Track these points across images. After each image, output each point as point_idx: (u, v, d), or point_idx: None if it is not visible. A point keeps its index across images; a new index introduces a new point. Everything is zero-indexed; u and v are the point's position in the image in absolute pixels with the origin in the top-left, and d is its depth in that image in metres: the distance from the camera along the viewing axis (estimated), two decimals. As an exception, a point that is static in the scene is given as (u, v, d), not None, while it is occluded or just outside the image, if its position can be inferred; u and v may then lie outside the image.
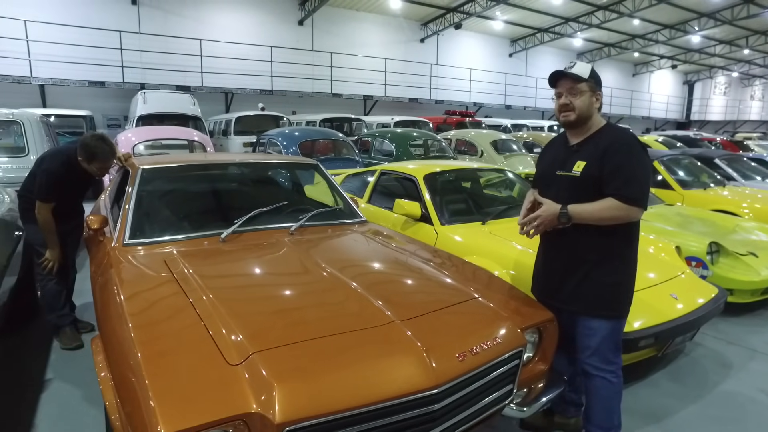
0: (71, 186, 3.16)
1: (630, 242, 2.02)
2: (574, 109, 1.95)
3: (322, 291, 2.01)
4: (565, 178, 2.00)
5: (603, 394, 2.09)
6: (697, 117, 30.44)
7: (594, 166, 1.92)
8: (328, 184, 3.44)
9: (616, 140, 1.92)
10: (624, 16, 18.35)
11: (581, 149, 2.00)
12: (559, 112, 2.01)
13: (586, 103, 1.94)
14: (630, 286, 2.06)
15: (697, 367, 3.21)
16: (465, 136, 9.62)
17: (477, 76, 20.61)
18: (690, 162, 6.58)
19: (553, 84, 2.02)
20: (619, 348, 2.10)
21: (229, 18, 15.18)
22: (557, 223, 1.96)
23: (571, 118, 1.96)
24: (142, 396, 1.34)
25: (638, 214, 1.90)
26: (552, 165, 2.09)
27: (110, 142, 3.06)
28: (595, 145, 1.95)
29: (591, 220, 1.91)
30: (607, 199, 1.87)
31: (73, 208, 3.31)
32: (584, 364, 2.10)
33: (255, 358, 1.46)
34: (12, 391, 2.76)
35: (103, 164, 3.05)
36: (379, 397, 1.43)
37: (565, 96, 1.96)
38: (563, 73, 1.97)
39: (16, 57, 11.80)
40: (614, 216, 1.88)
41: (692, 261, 3.83)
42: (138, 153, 6.49)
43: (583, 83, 1.94)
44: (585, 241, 1.98)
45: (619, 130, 2.01)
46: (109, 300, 1.95)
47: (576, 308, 2.06)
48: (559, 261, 2.10)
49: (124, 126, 12.17)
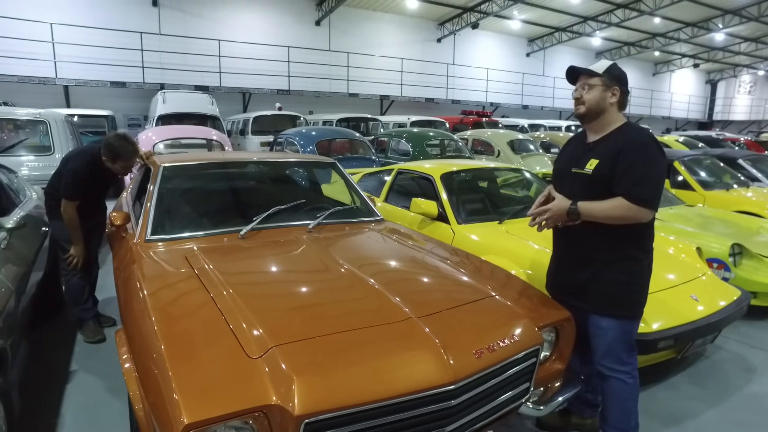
0: (95, 184, 3.24)
1: (642, 243, 1.99)
2: (584, 102, 1.99)
3: (340, 287, 2.03)
4: (579, 176, 2.01)
5: (618, 394, 2.08)
6: (720, 117, 29.79)
7: (606, 165, 1.92)
8: (346, 182, 3.46)
9: (630, 140, 1.92)
10: (644, 14, 18.04)
11: (597, 147, 2.01)
12: (575, 106, 2.06)
13: (597, 97, 1.96)
14: (641, 288, 2.04)
15: (718, 370, 3.15)
16: (481, 136, 9.57)
17: (494, 76, 20.48)
18: (712, 162, 6.45)
19: (573, 81, 2.06)
20: (632, 348, 2.08)
21: (247, 19, 15.34)
22: (567, 219, 1.97)
23: (581, 111, 2.01)
24: (165, 387, 1.37)
25: (647, 216, 1.88)
26: (569, 162, 2.11)
27: (133, 141, 3.14)
28: (611, 143, 1.96)
29: (600, 218, 1.91)
30: (617, 199, 1.88)
31: (95, 205, 3.40)
32: (598, 365, 2.09)
33: (275, 351, 1.48)
34: (40, 381, 2.85)
35: (127, 163, 3.13)
36: (397, 392, 1.44)
37: (579, 90, 2.02)
38: (576, 69, 2.03)
39: (42, 59, 12.11)
40: (622, 215, 1.87)
41: (714, 263, 3.76)
42: (158, 152, 6.60)
43: (595, 78, 1.97)
44: (595, 239, 1.98)
45: (636, 129, 2.00)
46: (132, 294, 2.00)
47: (585, 306, 2.07)
48: (570, 258, 2.12)
49: (144, 125, 12.40)
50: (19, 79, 11.79)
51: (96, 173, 3.16)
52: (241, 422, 1.34)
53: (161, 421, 1.33)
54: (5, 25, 11.64)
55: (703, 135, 14.77)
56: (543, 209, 2.03)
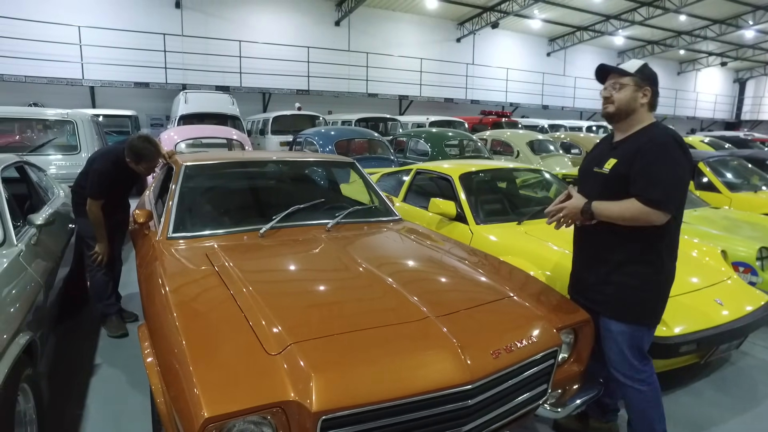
0: (119, 183, 3.32)
1: (658, 247, 1.92)
2: (613, 102, 1.95)
3: (358, 286, 2.05)
4: (599, 175, 2.00)
5: (635, 403, 2.05)
6: (749, 117, 28.94)
7: (624, 165, 1.89)
8: (364, 182, 3.47)
9: (650, 139, 1.87)
10: (669, 12, 17.63)
11: (619, 147, 1.98)
12: (603, 104, 2.02)
13: (627, 97, 1.93)
14: (655, 294, 1.98)
15: (744, 377, 3.07)
16: (501, 136, 9.50)
17: (514, 76, 20.29)
18: (739, 163, 6.28)
19: (602, 80, 2.03)
20: (644, 356, 2.03)
21: (267, 20, 15.50)
22: (582, 218, 1.95)
23: (609, 110, 1.98)
24: (186, 381, 1.40)
25: (661, 219, 1.81)
26: (591, 161, 2.10)
27: (155, 142, 3.20)
28: (632, 143, 1.93)
29: (613, 218, 1.88)
30: (631, 200, 1.84)
31: (119, 203, 3.47)
32: (613, 371, 2.06)
33: (293, 348, 1.50)
34: (66, 373, 2.93)
35: (150, 164, 3.20)
36: (414, 390, 1.45)
37: (608, 89, 1.98)
38: (607, 67, 1.99)
39: (70, 61, 12.44)
40: (634, 217, 1.83)
41: (740, 266, 3.66)
42: (179, 151, 6.72)
43: (626, 77, 1.93)
44: (610, 240, 1.96)
45: (659, 129, 1.94)
46: (154, 290, 2.04)
47: (596, 308, 2.04)
48: (585, 258, 2.12)
49: (166, 125, 12.63)
50: (48, 80, 12.14)
51: (120, 173, 3.23)
52: (259, 417, 1.36)
53: (182, 415, 1.36)
54: (36, 28, 12.00)
55: (730, 135, 14.40)
56: (559, 207, 2.02)
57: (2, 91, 11.77)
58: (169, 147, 6.39)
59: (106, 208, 3.25)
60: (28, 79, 11.92)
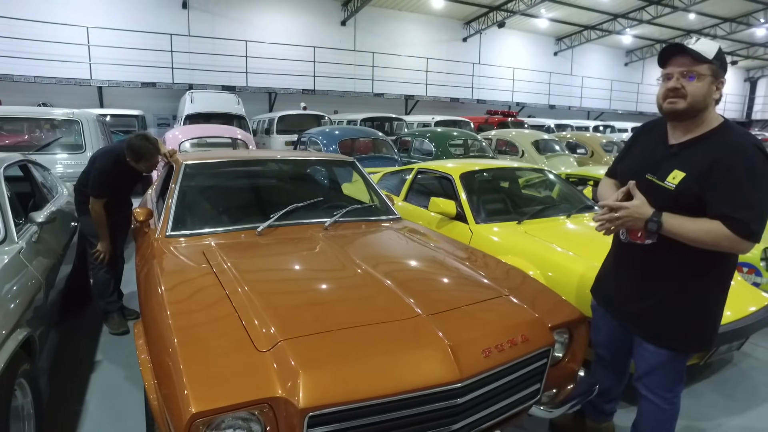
0: (121, 182, 3.36)
1: (723, 273, 1.69)
2: (685, 96, 1.57)
3: (353, 285, 2.05)
4: (658, 188, 1.63)
5: (651, 417, 1.92)
6: (760, 116, 28.60)
7: (695, 181, 1.55)
8: (365, 181, 3.48)
9: (732, 152, 1.52)
10: (678, 10, 17.49)
11: (682, 153, 1.62)
12: (665, 98, 1.62)
13: (704, 91, 1.56)
14: (705, 324, 1.74)
15: (745, 378, 3.04)
16: (506, 136, 9.46)
17: (520, 76, 20.22)
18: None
19: (663, 63, 1.64)
20: (681, 379, 1.86)
21: (273, 20, 15.56)
22: (642, 228, 1.63)
23: (680, 107, 1.59)
24: (176, 378, 1.41)
25: (747, 249, 1.53)
26: (643, 163, 1.72)
27: (154, 140, 3.24)
28: (703, 151, 1.57)
29: (683, 238, 1.56)
30: (714, 222, 1.51)
31: (122, 201, 3.50)
32: (637, 382, 1.92)
33: (283, 345, 1.51)
34: (68, 369, 2.96)
35: (149, 162, 3.23)
36: (402, 387, 1.45)
37: (677, 78, 1.58)
38: (681, 47, 1.57)
39: (78, 61, 12.56)
40: (715, 243, 1.52)
41: (744, 267, 3.62)
42: (184, 150, 6.76)
43: (704, 65, 1.55)
44: (669, 261, 1.66)
45: (737, 134, 1.58)
46: (150, 288, 2.05)
47: (635, 328, 1.85)
48: (632, 274, 1.82)
49: (172, 125, 12.72)
50: (57, 80, 12.28)
51: (122, 172, 3.26)
52: (247, 413, 1.37)
53: (171, 411, 1.37)
54: (45, 29, 12.14)
55: (739, 135, 14.19)
56: (618, 205, 1.65)
57: (12, 92, 11.91)
58: (174, 146, 6.46)
59: (110, 207, 3.29)
60: (38, 80, 12.06)
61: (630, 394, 2.46)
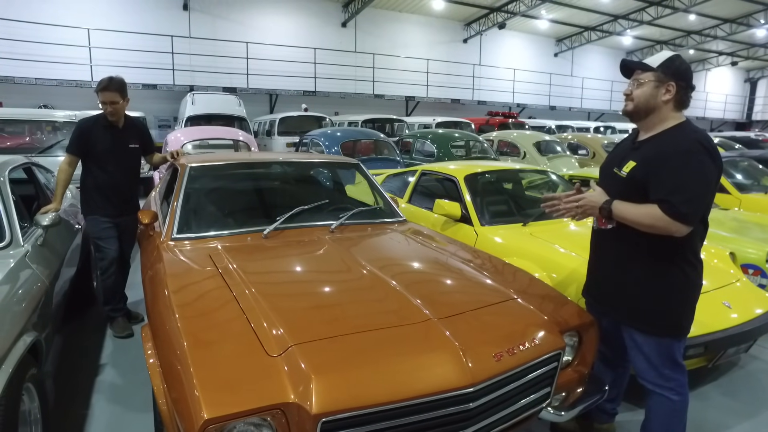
0: (103, 149, 3.27)
1: (686, 256, 1.83)
2: (633, 99, 1.86)
3: (361, 288, 2.04)
4: (616, 177, 1.90)
5: (660, 411, 1.96)
6: (760, 117, 28.62)
7: (641, 170, 1.79)
8: (369, 183, 3.47)
9: (674, 143, 1.75)
10: (678, 11, 17.49)
11: (641, 148, 1.88)
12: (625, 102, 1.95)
13: (646, 93, 1.82)
14: (681, 306, 1.89)
15: (752, 381, 3.03)
16: (507, 137, 9.46)
17: (521, 77, 20.23)
18: (749, 164, 6.20)
19: (628, 75, 1.94)
20: (677, 364, 1.93)
21: (274, 21, 15.56)
22: (597, 214, 1.88)
23: (628, 108, 1.90)
24: (187, 383, 1.40)
25: (681, 231, 1.70)
26: (612, 160, 2.00)
27: (117, 79, 3.29)
28: (655, 146, 1.81)
29: (630, 221, 1.79)
30: (652, 206, 1.73)
31: (126, 200, 3.45)
32: (641, 380, 1.98)
33: (294, 350, 1.50)
34: (71, 372, 2.95)
35: (105, 96, 3.21)
36: (415, 393, 1.44)
37: (629, 85, 1.89)
38: (627, 62, 1.91)
39: (79, 63, 12.55)
40: (652, 225, 1.72)
41: (749, 269, 3.61)
42: (186, 152, 6.73)
43: (646, 73, 1.83)
44: (633, 246, 1.86)
45: (684, 131, 1.79)
46: (157, 291, 2.05)
47: (617, 316, 1.99)
48: (604, 264, 2.03)
49: (173, 126, 12.71)
50: (58, 82, 12.26)
51: (99, 132, 3.26)
52: (259, 419, 1.36)
53: (182, 416, 1.36)
54: (46, 31, 12.13)
55: (740, 136, 14.21)
56: (577, 197, 1.93)
57: (14, 94, 11.90)
58: (175, 148, 6.44)
59: (112, 204, 3.27)
60: (39, 82, 12.04)
61: (631, 395, 2.46)
